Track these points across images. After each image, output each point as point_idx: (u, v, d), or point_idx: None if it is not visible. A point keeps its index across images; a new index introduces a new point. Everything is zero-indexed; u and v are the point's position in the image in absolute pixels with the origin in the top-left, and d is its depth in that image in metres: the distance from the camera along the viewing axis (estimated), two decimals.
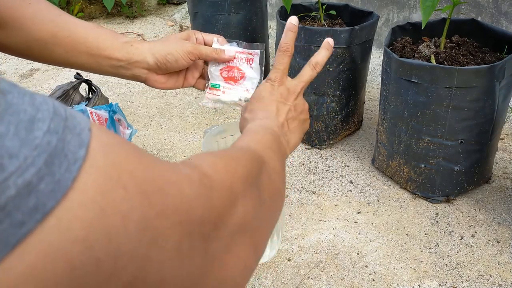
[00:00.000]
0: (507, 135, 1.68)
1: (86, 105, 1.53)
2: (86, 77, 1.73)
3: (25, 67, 2.47)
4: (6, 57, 2.59)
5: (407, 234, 1.28)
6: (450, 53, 1.31)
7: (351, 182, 1.49)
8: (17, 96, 0.21)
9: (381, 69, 1.43)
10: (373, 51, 1.94)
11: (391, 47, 1.39)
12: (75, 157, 0.22)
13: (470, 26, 1.42)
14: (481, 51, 1.35)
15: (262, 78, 0.73)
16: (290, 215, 1.36)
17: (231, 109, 1.93)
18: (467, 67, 1.18)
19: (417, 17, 2.10)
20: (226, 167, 0.35)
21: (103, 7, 3.21)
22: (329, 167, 1.57)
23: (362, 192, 1.45)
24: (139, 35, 2.87)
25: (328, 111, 1.58)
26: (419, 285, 1.13)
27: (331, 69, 1.50)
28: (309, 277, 1.16)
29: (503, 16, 1.83)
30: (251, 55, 0.73)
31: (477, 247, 1.22)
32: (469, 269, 1.16)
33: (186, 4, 2.86)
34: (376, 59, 2.23)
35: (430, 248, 1.23)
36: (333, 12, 1.66)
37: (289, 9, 1.53)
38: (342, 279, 1.15)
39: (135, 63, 0.66)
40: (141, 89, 2.16)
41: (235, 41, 0.74)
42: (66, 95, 1.65)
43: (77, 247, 0.21)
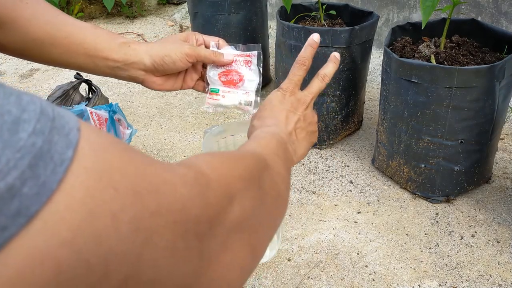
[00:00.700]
0: (507, 135, 1.68)
1: (86, 105, 1.53)
2: (86, 77, 1.73)
3: (25, 67, 2.47)
4: (6, 57, 2.58)
5: (407, 234, 1.28)
6: (450, 53, 1.31)
7: (351, 182, 1.49)
8: (2, 96, 0.21)
9: (381, 69, 1.43)
10: (373, 51, 1.94)
11: (391, 47, 1.39)
12: (62, 158, 0.21)
13: (470, 26, 1.42)
14: (481, 51, 1.35)
15: (261, 79, 0.73)
16: (290, 215, 1.36)
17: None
18: (467, 67, 1.18)
19: (417, 17, 2.10)
20: (223, 166, 0.35)
21: (103, 7, 3.21)
22: (329, 167, 1.57)
23: (362, 192, 1.45)
24: (139, 35, 2.87)
25: (328, 111, 1.58)
26: (419, 285, 1.13)
27: None
28: (309, 277, 1.16)
29: (503, 16, 1.83)
30: (248, 57, 0.73)
31: (477, 247, 1.22)
32: (469, 269, 1.16)
33: (186, 4, 2.85)
34: (376, 59, 2.22)
35: (430, 248, 1.23)
36: (333, 12, 1.66)
37: (289, 9, 1.53)
38: (342, 279, 1.15)
39: (132, 64, 0.66)
40: (141, 89, 2.16)
41: (232, 45, 0.74)
42: (66, 95, 1.65)
43: (65, 250, 0.21)
